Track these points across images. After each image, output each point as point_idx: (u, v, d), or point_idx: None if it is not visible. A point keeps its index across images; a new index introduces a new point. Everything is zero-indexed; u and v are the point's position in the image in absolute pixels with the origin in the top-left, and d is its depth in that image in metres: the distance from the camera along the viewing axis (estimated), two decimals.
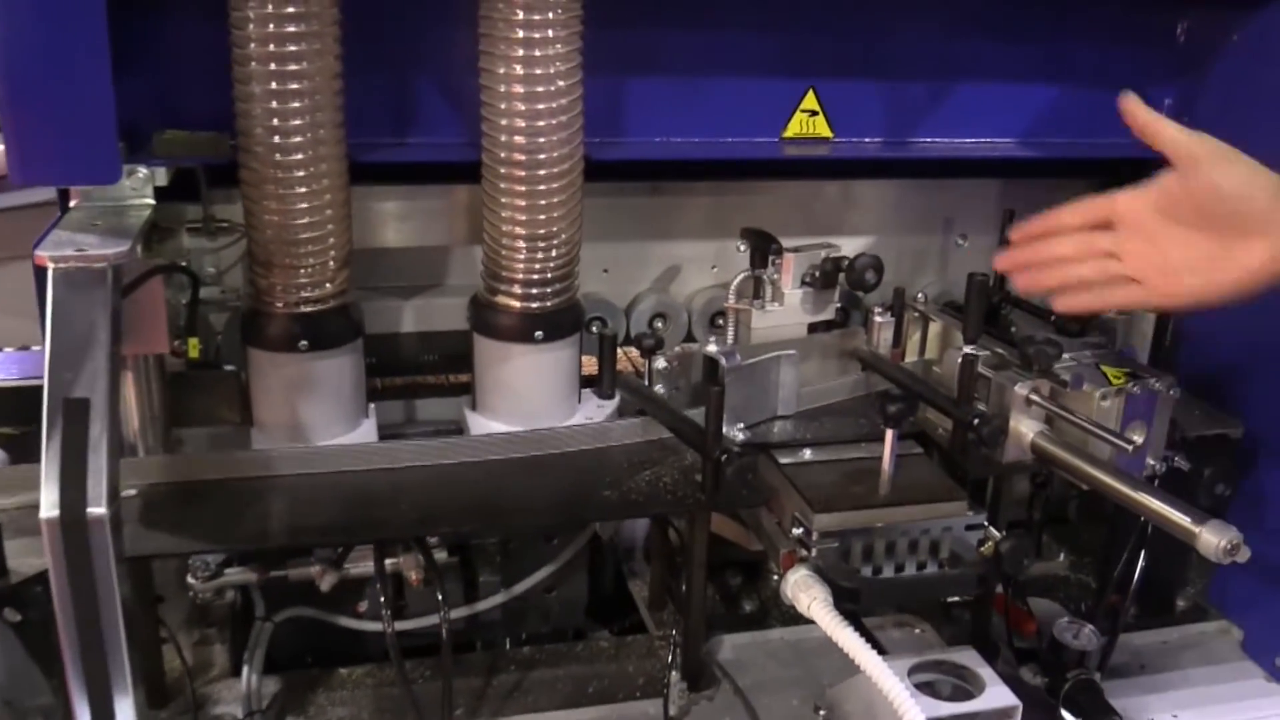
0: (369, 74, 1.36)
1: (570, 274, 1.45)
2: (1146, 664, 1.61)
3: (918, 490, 1.40)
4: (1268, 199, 1.07)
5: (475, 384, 1.51)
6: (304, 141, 1.27)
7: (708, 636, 1.55)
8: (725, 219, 1.68)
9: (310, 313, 1.36)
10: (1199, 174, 1.10)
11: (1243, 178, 1.09)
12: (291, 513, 1.27)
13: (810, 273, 1.60)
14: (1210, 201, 1.10)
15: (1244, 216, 1.08)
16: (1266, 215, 1.07)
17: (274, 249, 1.33)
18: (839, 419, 1.57)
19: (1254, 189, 1.08)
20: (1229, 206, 1.09)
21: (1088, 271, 1.19)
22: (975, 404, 1.46)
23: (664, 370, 1.52)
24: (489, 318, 1.44)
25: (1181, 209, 1.12)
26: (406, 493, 1.31)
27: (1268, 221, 1.07)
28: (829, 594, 1.31)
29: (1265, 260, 1.08)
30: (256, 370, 1.40)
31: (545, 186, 1.36)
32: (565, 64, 1.31)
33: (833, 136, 1.61)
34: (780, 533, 1.42)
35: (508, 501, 1.32)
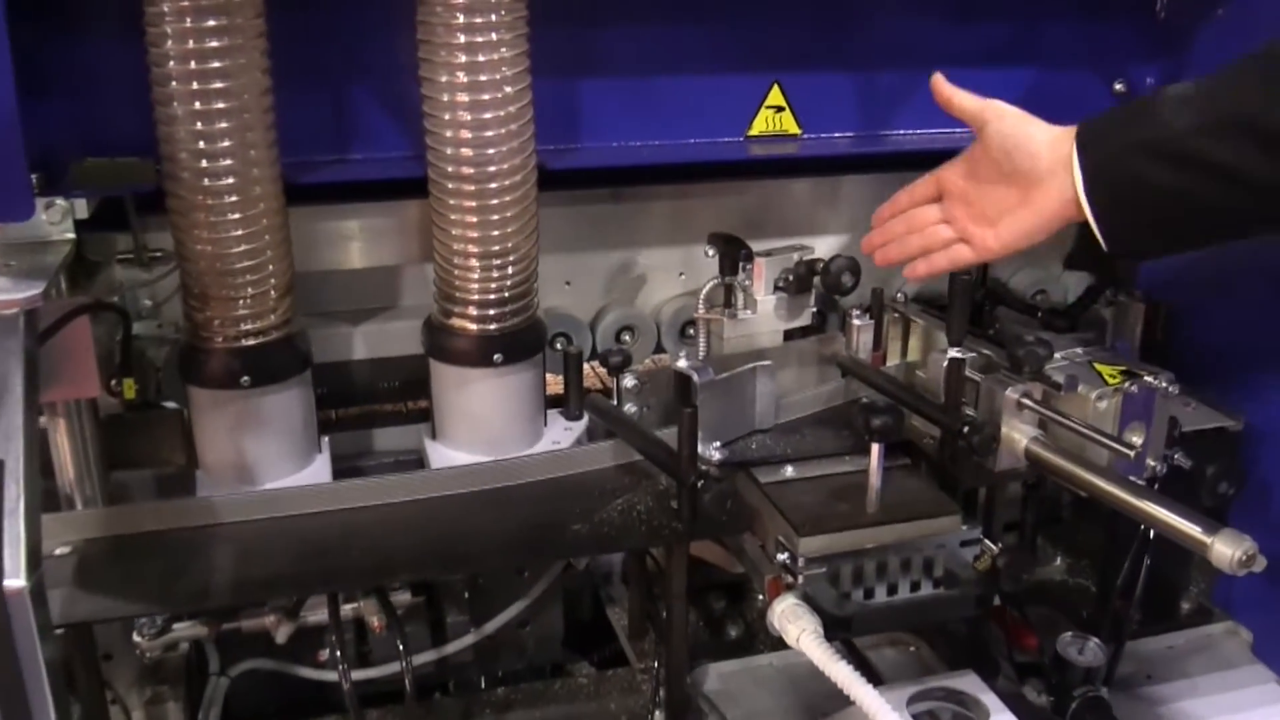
0: (302, 88, 1.28)
1: (528, 291, 1.36)
2: (1153, 673, 1.53)
3: (908, 506, 1.31)
4: (1046, 150, 1.19)
5: (434, 411, 1.42)
6: (234, 164, 1.18)
7: (692, 666, 1.46)
8: (691, 223, 1.60)
9: (252, 346, 1.28)
10: (988, 135, 1.23)
11: (1022, 133, 1.21)
12: (237, 565, 1.18)
13: (783, 277, 1.51)
14: (1001, 157, 1.22)
15: (1030, 167, 1.20)
16: (1049, 165, 1.18)
17: (209, 280, 1.24)
18: (820, 430, 1.49)
19: (1033, 143, 1.20)
20: (1015, 160, 1.21)
21: (921, 240, 1.33)
22: (964, 410, 1.38)
23: (633, 388, 1.43)
24: (444, 341, 1.36)
25: (984, 169, 1.25)
26: (360, 537, 1.22)
27: (1050, 170, 1.18)
28: (819, 624, 1.23)
29: (1055, 203, 1.19)
30: (198, 409, 1.31)
31: (497, 200, 1.27)
32: (511, 68, 1.22)
33: (801, 133, 1.54)
34: (764, 557, 1.34)
35: (469, 541, 1.23)
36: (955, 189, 1.30)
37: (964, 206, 1.28)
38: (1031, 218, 1.22)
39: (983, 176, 1.26)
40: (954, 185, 1.30)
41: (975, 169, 1.27)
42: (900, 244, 1.35)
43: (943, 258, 1.32)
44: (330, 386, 1.46)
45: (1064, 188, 1.17)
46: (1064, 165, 1.17)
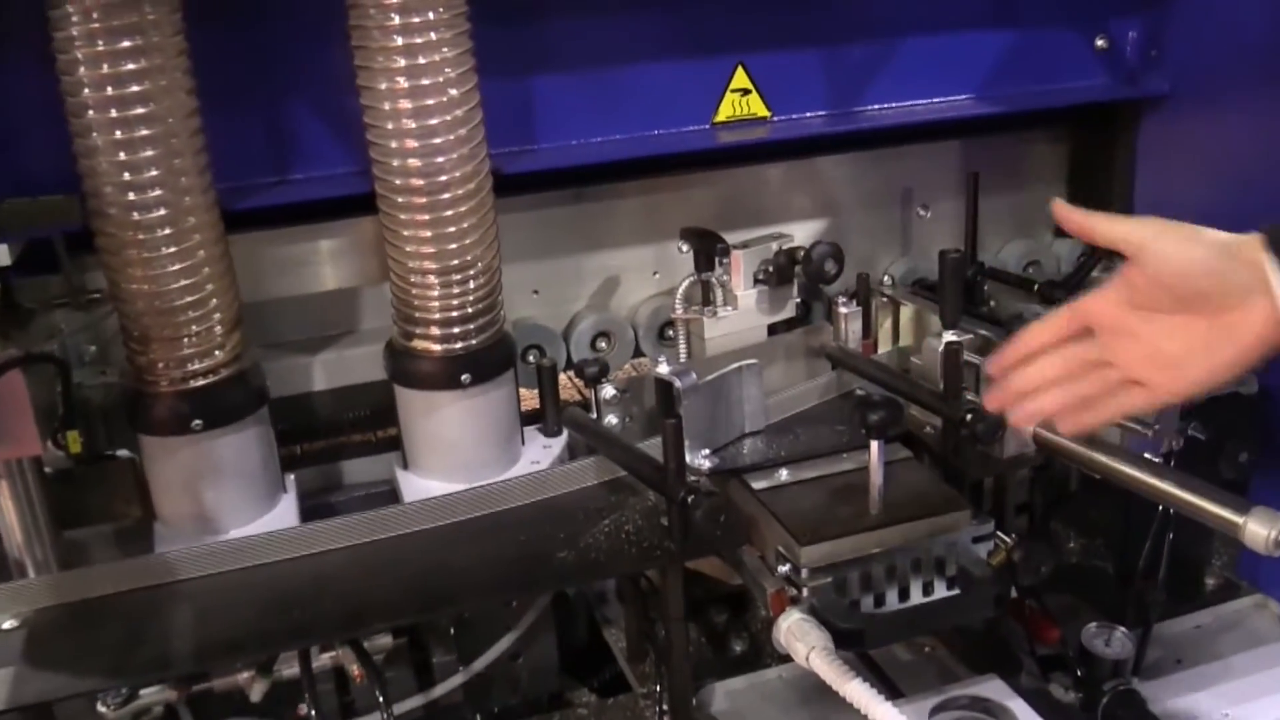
0: (232, 108, 1.20)
1: (493, 305, 1.28)
2: (1183, 657, 1.46)
3: (913, 504, 1.23)
4: (1235, 267, 0.98)
5: (403, 440, 1.34)
6: (164, 194, 1.10)
7: (697, 687, 1.38)
8: (662, 219, 1.52)
9: (201, 387, 1.19)
10: (1155, 261, 1.01)
11: (1199, 254, 1.00)
12: (199, 627, 1.09)
13: (763, 269, 1.43)
14: (1179, 285, 1.01)
15: (1220, 291, 0.99)
16: (1243, 283, 0.98)
17: (149, 320, 1.15)
18: (814, 428, 1.40)
19: (1216, 262, 0.99)
20: (1200, 285, 1.00)
21: (1087, 389, 1.07)
22: (965, 396, 1.30)
23: (613, 399, 1.34)
24: (407, 365, 1.27)
25: (1154, 298, 1.02)
26: (331, 584, 1.13)
27: (1247, 289, 0.98)
28: (829, 639, 1.14)
29: (1261, 328, 0.98)
30: (149, 458, 1.23)
31: (452, 211, 1.19)
32: (456, 69, 1.14)
33: (770, 115, 1.46)
34: (764, 569, 1.25)
35: (448, 580, 1.15)
36: (1113, 323, 1.05)
37: (1132, 342, 1.04)
38: (1229, 350, 1.00)
39: (1149, 305, 1.03)
40: (1112, 318, 1.05)
41: (1142, 298, 1.03)
42: (1055, 393, 1.09)
43: (1123, 403, 1.07)
44: (291, 421, 1.37)
45: (1268, 307, 0.97)
46: (1260, 279, 0.97)
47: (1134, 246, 1.02)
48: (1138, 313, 1.03)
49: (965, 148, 1.65)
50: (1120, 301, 1.05)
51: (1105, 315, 1.06)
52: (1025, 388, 1.10)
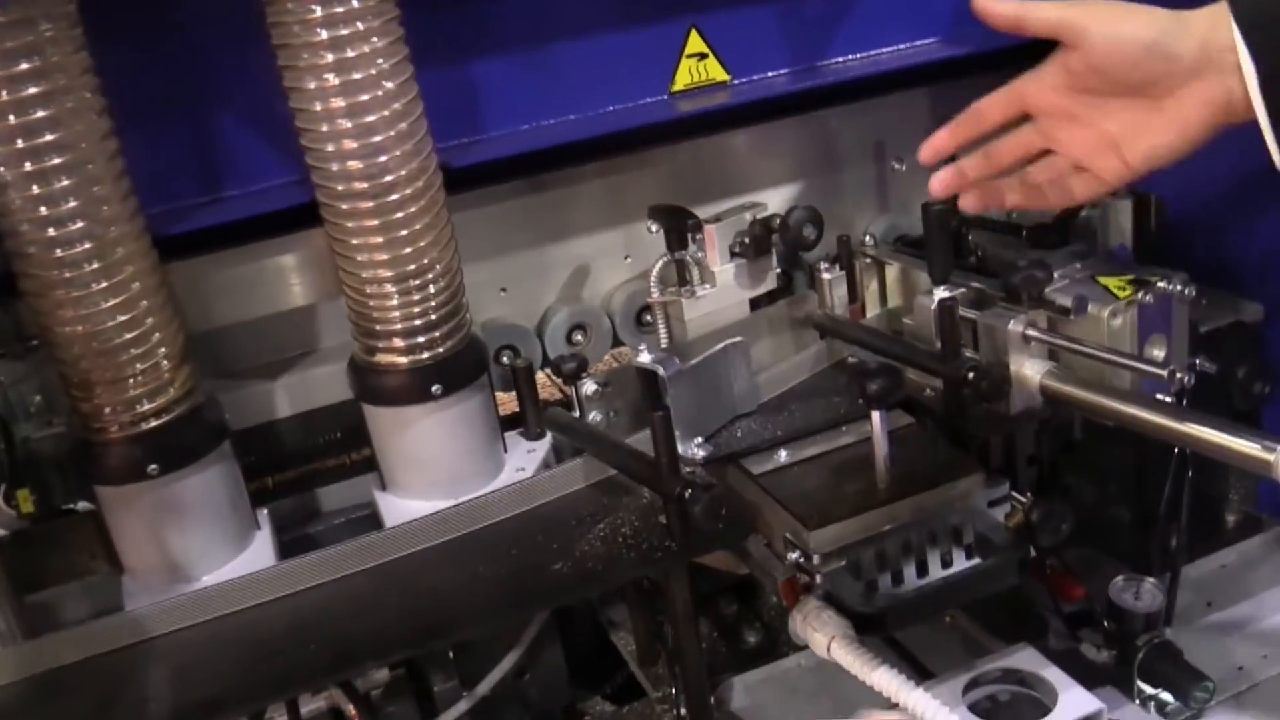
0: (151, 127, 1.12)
1: (458, 308, 1.20)
2: (1213, 600, 1.39)
3: (923, 473, 1.16)
4: (1181, 46, 0.96)
5: (378, 460, 1.26)
6: (86, 226, 1.02)
7: (714, 684, 1.31)
8: (626, 200, 1.44)
9: (154, 428, 1.11)
10: (1093, 46, 1.00)
11: (1141, 34, 0.98)
12: (176, 687, 1.01)
13: (738, 242, 1.36)
14: (1119, 69, 0.99)
15: (1164, 73, 0.98)
16: (1194, 62, 0.96)
17: (88, 365, 1.07)
18: (809, 403, 1.33)
19: (1160, 42, 0.97)
20: (1142, 68, 0.98)
21: (1037, 174, 1.09)
22: (964, 355, 1.23)
23: (594, 394, 1.27)
24: (374, 382, 1.20)
25: (1093, 82, 1.01)
26: (314, 625, 1.06)
27: (1196, 69, 0.96)
28: (848, 626, 1.08)
29: (1205, 109, 0.98)
30: (108, 510, 1.15)
31: (402, 213, 1.11)
32: (389, 59, 1.06)
33: (730, 79, 1.38)
34: (772, 557, 1.19)
35: (439, 608, 1.07)
36: (1052, 106, 1.04)
37: (1073, 126, 1.03)
38: (1172, 132, 0.98)
39: (1092, 89, 1.01)
40: (1049, 102, 1.04)
41: (1078, 81, 1.02)
42: (992, 186, 1.10)
43: (1075, 190, 1.07)
44: (258, 453, 1.29)
45: (1217, 89, 0.94)
46: (1219, 59, 0.94)
47: (1071, 32, 1.00)
48: (1077, 96, 1.02)
49: (935, 94, 1.57)
50: (1058, 86, 1.03)
51: (1043, 99, 1.04)
52: (976, 175, 1.11)
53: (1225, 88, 0.94)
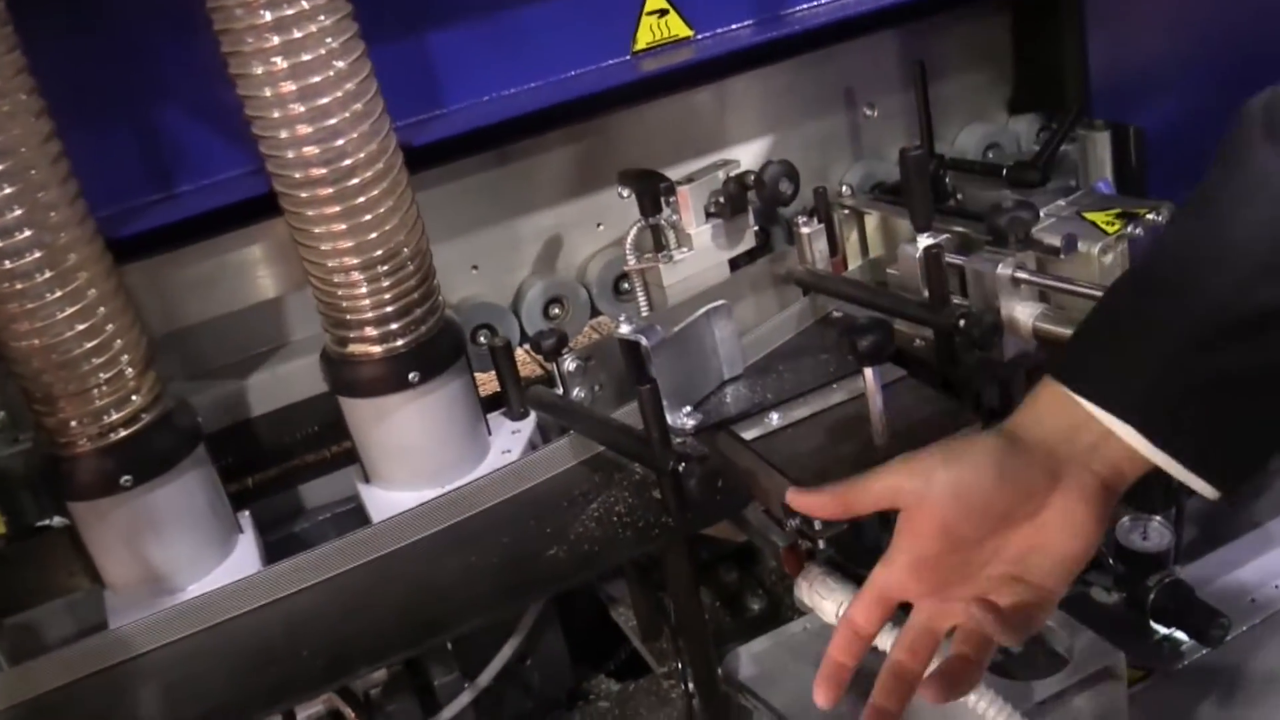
0: (95, 127, 1.07)
1: (430, 291, 1.16)
2: (1219, 532, 1.37)
3: (920, 427, 1.14)
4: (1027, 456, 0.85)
5: (360, 453, 1.22)
6: (34, 234, 0.97)
7: (720, 655, 1.29)
8: (595, 166, 1.40)
9: (123, 439, 1.07)
10: (943, 501, 0.85)
11: (990, 463, 0.85)
12: (166, 705, 0.98)
13: (713, 202, 1.32)
14: (984, 508, 0.85)
15: (1026, 490, 0.85)
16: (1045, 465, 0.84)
17: (49, 378, 1.03)
18: (797, 362, 1.31)
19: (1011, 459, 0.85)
20: (1004, 497, 0.85)
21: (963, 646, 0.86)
22: (953, 302, 1.20)
23: (576, 370, 1.23)
24: (348, 373, 1.16)
25: (953, 535, 0.86)
26: (306, 630, 1.02)
27: (1051, 470, 0.84)
28: (855, 589, 1.05)
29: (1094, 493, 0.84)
30: (84, 525, 1.11)
31: (364, 197, 1.07)
32: (338, 37, 1.01)
33: (694, 34, 1.34)
34: (772, 524, 1.16)
35: (433, 603, 1.04)
36: (924, 586, 0.88)
37: (958, 587, 0.87)
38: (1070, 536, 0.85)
39: (954, 546, 0.86)
40: (917, 584, 0.88)
41: (936, 545, 0.86)
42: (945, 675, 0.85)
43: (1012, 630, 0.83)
44: (236, 454, 1.25)
45: (1101, 464, 0.83)
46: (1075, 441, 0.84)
47: (909, 496, 0.87)
48: (944, 561, 0.86)
49: (903, 37, 1.54)
50: (916, 562, 0.87)
51: (909, 584, 0.88)
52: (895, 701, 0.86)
53: (1098, 467, 0.84)
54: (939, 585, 0.87)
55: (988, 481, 0.84)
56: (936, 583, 0.87)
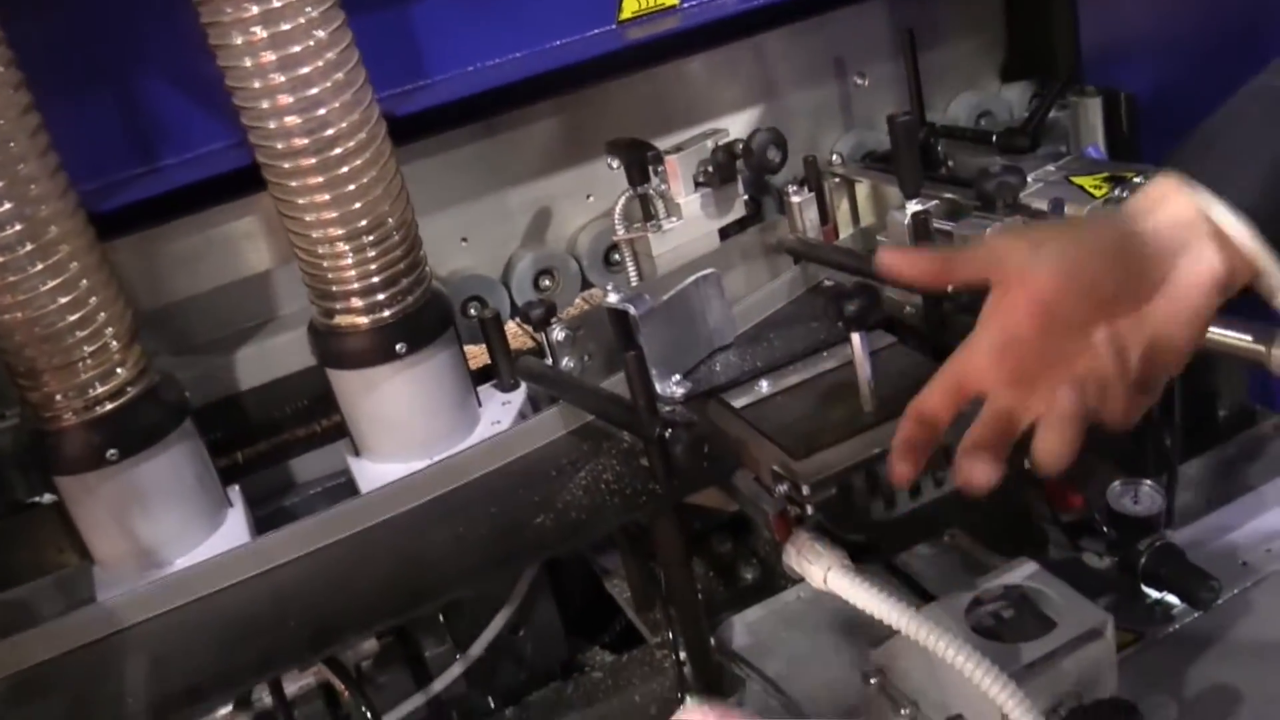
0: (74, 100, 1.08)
1: (416, 262, 1.16)
2: (1212, 496, 1.36)
3: (909, 393, 1.10)
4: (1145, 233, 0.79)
5: (349, 426, 1.22)
6: (15, 208, 0.97)
7: (713, 624, 1.29)
8: (583, 137, 1.40)
9: (109, 412, 1.07)
10: (1048, 275, 0.79)
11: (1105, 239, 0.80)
12: (153, 677, 0.98)
13: (702, 171, 1.31)
14: (1090, 287, 0.79)
15: (1138, 270, 0.79)
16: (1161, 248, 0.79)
17: (32, 352, 1.03)
18: (788, 331, 1.30)
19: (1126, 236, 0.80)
20: (1114, 277, 0.79)
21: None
22: None
23: (565, 340, 1.23)
24: (335, 345, 1.16)
25: (1056, 316, 0.79)
26: (293, 601, 1.02)
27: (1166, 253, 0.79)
28: (844, 555, 1.05)
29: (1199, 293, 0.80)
30: (70, 500, 1.11)
31: (347, 167, 1.07)
32: (318, 6, 1.01)
33: (679, 2, 1.33)
34: (762, 491, 1.15)
35: (420, 575, 1.04)
36: (997, 372, 0.81)
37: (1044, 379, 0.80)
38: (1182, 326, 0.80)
39: (1050, 328, 0.79)
40: (990, 370, 0.82)
41: (1028, 325, 0.79)
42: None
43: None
44: (224, 428, 1.25)
45: (1214, 259, 0.79)
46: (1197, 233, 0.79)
47: (1007, 269, 0.81)
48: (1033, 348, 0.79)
49: (894, 4, 1.54)
50: (1002, 347, 0.81)
51: (989, 372, 0.81)
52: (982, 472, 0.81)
53: (1211, 262, 0.79)
54: (1022, 376, 0.80)
55: (1098, 260, 0.79)
56: (1020, 372, 0.80)
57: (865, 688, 1.18)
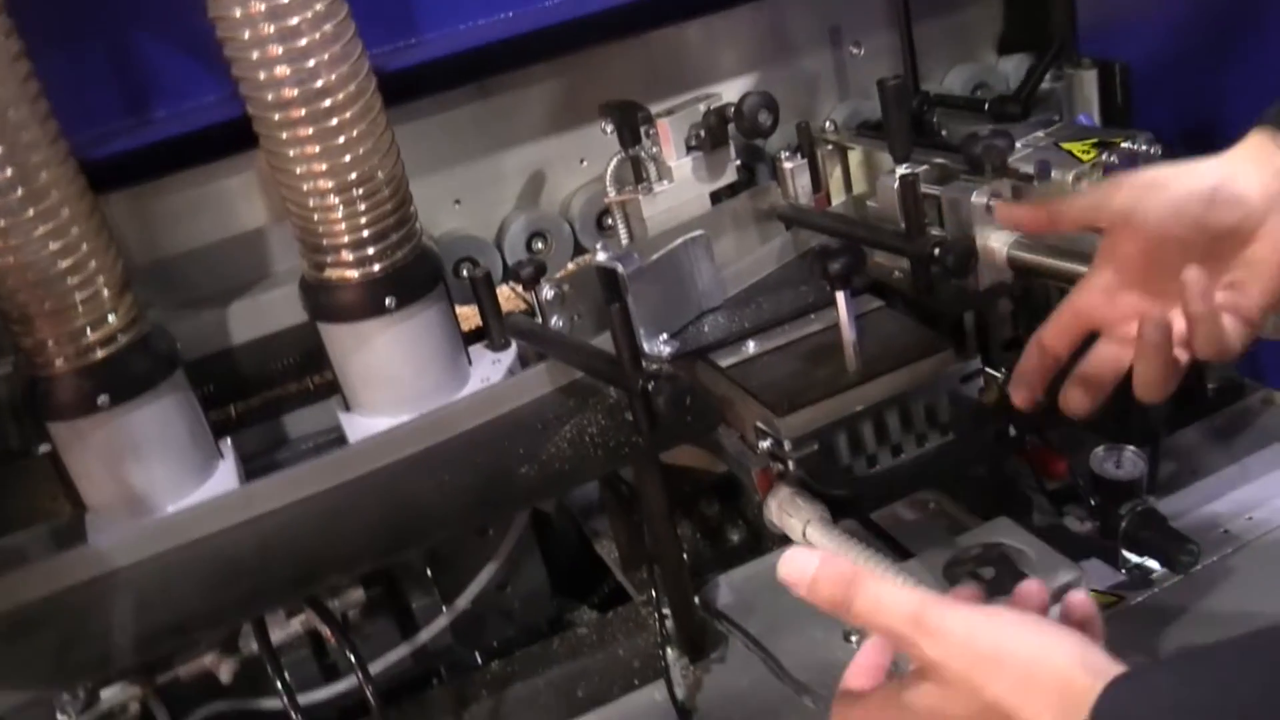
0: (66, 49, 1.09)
1: (406, 218, 1.17)
2: (1197, 467, 1.37)
3: (892, 353, 1.14)
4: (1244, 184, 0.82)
5: (340, 381, 1.23)
6: (5, 153, 0.98)
7: (698, 584, 1.30)
8: (578, 101, 1.40)
9: (101, 359, 1.09)
10: (1150, 219, 0.84)
11: (1204, 185, 0.83)
12: (140, 615, 1.00)
13: (693, 134, 1.32)
14: (1187, 233, 0.83)
15: (1236, 220, 0.83)
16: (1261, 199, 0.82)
17: (25, 297, 1.04)
18: (777, 294, 1.31)
19: (1227, 185, 0.82)
20: (1211, 224, 0.83)
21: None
22: (930, 232, 1.20)
23: (554, 298, 1.24)
24: (325, 299, 1.17)
25: (1156, 259, 0.85)
26: (278, 545, 1.04)
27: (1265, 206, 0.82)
28: (824, 509, 1.06)
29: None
30: (63, 446, 1.13)
31: (337, 119, 1.08)
32: None
33: None
34: (746, 449, 1.17)
35: (405, 520, 1.06)
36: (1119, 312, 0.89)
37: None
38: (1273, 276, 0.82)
39: (1156, 270, 0.85)
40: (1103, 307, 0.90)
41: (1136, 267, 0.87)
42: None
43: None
44: (217, 382, 1.27)
45: None
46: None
47: (1113, 214, 0.87)
48: (1142, 285, 0.87)
49: None
50: (1116, 284, 0.88)
51: (1107, 309, 0.89)
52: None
53: None
54: (1132, 313, 0.86)
55: (1200, 204, 0.83)
56: (1130, 310, 0.87)
57: (845, 646, 1.20)
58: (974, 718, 0.67)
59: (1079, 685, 0.63)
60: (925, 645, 0.69)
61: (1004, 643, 0.67)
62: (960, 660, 0.68)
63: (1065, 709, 0.63)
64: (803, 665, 1.18)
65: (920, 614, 0.69)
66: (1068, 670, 0.64)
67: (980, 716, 0.67)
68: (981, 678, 0.66)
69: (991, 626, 0.68)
